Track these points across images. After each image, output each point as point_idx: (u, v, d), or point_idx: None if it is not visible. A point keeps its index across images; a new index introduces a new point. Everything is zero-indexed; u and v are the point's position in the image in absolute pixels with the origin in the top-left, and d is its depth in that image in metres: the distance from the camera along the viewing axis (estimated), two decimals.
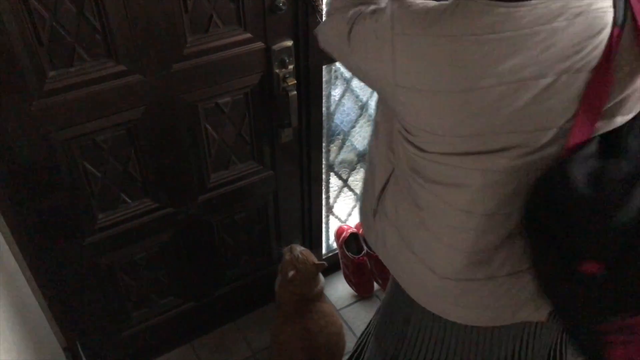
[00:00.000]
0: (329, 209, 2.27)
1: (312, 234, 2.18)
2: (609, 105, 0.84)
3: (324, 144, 1.99)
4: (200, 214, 1.81)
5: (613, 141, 0.86)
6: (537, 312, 1.09)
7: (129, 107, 1.47)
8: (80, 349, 1.85)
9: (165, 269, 1.88)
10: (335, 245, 2.36)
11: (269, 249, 2.12)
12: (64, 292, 1.70)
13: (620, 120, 0.87)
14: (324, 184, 2.12)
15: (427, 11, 0.87)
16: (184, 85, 1.52)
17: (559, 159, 0.86)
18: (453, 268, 1.06)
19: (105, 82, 1.40)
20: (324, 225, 2.26)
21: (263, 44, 1.58)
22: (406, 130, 0.99)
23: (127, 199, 1.64)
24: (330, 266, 2.29)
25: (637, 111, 0.87)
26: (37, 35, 1.26)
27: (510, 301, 1.08)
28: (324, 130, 1.95)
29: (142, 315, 1.95)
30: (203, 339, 2.14)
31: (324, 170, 2.08)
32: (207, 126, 1.65)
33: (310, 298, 1.85)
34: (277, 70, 1.63)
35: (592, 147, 0.84)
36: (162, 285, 1.92)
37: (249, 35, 1.55)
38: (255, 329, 2.17)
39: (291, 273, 1.79)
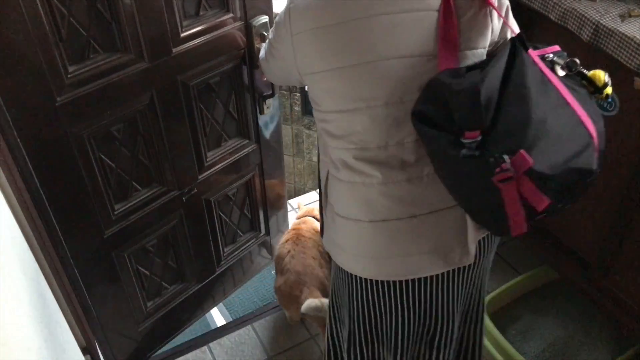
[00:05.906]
0: None
1: None
2: (462, 40, 1.08)
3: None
4: (201, 192, 1.91)
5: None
6: (466, 255, 1.24)
7: (138, 94, 1.56)
8: (98, 348, 1.88)
9: (173, 254, 1.96)
10: None
11: (258, 222, 2.24)
12: (84, 290, 1.73)
13: (471, 53, 1.10)
14: None
15: None
16: (182, 68, 1.63)
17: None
18: (374, 208, 1.20)
19: (116, 72, 1.48)
20: None
21: (243, 22, 1.72)
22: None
23: (138, 186, 1.71)
24: None
25: (484, 46, 1.12)
26: (58, 32, 1.32)
27: (437, 243, 1.22)
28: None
29: (155, 305, 2.01)
30: (219, 341, 2.19)
31: None
32: (202, 106, 1.76)
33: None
34: (257, 45, 1.77)
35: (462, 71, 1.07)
36: (171, 271, 2.00)
37: (231, 15, 1.68)
38: (271, 333, 2.23)
39: None
